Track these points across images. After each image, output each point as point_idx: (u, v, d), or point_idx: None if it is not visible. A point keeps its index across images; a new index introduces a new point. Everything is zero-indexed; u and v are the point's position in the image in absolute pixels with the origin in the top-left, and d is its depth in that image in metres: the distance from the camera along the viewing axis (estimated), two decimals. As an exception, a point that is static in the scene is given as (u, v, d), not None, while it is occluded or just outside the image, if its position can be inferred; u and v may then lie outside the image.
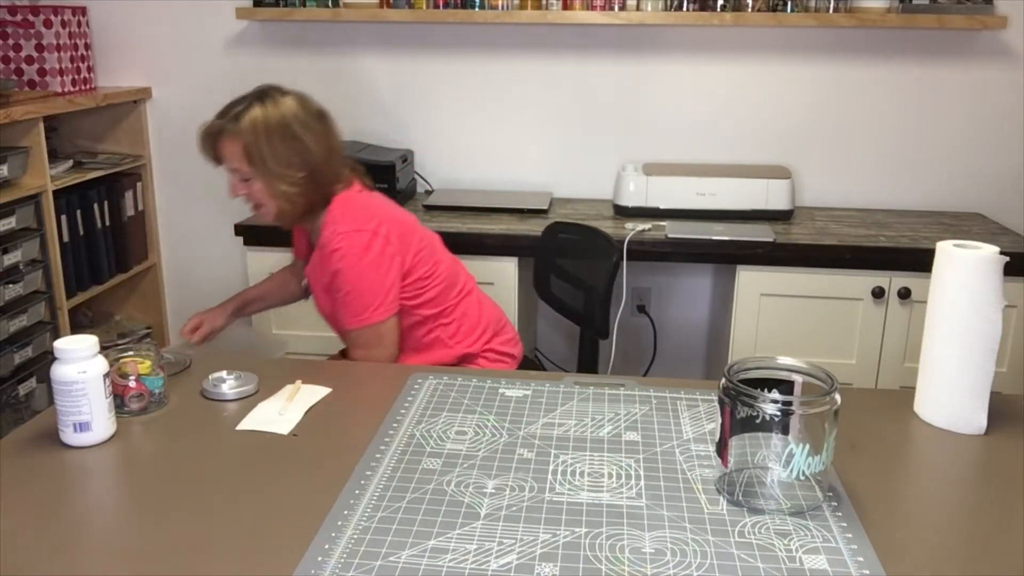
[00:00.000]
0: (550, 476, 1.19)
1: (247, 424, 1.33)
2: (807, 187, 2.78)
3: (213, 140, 1.74)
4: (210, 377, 1.45)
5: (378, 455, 1.23)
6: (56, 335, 2.47)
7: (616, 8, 2.60)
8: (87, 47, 2.80)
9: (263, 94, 1.74)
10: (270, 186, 1.72)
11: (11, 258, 2.32)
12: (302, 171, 1.72)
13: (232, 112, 1.72)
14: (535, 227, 2.44)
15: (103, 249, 2.72)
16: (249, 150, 1.70)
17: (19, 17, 2.61)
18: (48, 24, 2.62)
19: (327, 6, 2.67)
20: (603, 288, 2.04)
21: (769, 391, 1.09)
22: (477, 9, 2.61)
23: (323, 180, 1.75)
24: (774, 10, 2.55)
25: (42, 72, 2.65)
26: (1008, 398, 1.44)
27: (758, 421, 1.09)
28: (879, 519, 1.09)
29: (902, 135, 2.71)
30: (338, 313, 1.77)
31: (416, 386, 1.48)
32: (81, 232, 2.63)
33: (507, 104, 2.81)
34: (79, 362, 1.23)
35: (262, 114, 1.70)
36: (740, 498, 1.12)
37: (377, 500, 1.12)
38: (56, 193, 2.47)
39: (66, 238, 2.55)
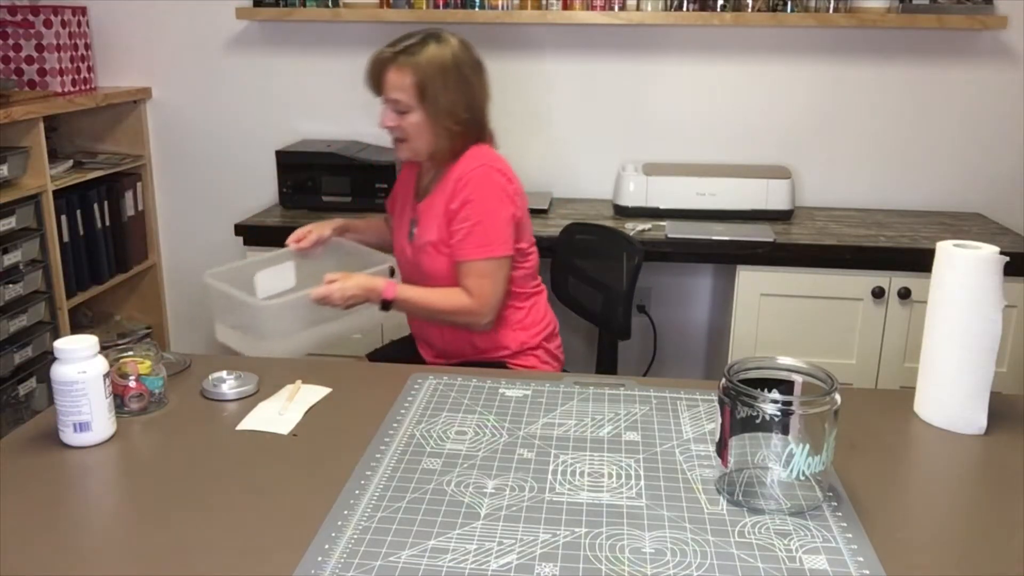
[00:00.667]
0: (550, 476, 1.19)
1: (247, 424, 1.33)
2: (807, 187, 2.78)
3: (382, 68, 1.79)
4: (210, 377, 1.45)
5: (378, 455, 1.24)
6: (56, 335, 2.47)
7: (616, 8, 2.60)
8: (87, 47, 2.80)
9: (435, 35, 1.80)
10: (434, 123, 1.78)
11: (11, 258, 2.32)
12: (466, 113, 1.80)
13: (404, 45, 1.77)
14: (535, 227, 2.43)
15: (103, 249, 2.72)
16: (422, 85, 1.76)
17: (19, 17, 2.61)
18: (48, 24, 2.62)
19: (327, 6, 2.67)
20: (624, 289, 2.05)
21: (769, 391, 1.09)
22: (477, 9, 2.61)
23: (478, 126, 1.84)
24: (774, 10, 2.55)
25: (42, 72, 2.65)
26: (1008, 398, 1.44)
27: (758, 421, 1.09)
28: (879, 519, 1.09)
29: (902, 135, 2.71)
30: (460, 244, 1.80)
31: (416, 386, 1.48)
32: (81, 232, 2.63)
33: (507, 104, 2.81)
34: (79, 362, 1.23)
35: (438, 53, 1.76)
36: (740, 498, 1.12)
37: (377, 500, 1.12)
38: (56, 193, 2.47)
39: (66, 238, 2.55)
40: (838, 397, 1.10)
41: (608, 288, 2.12)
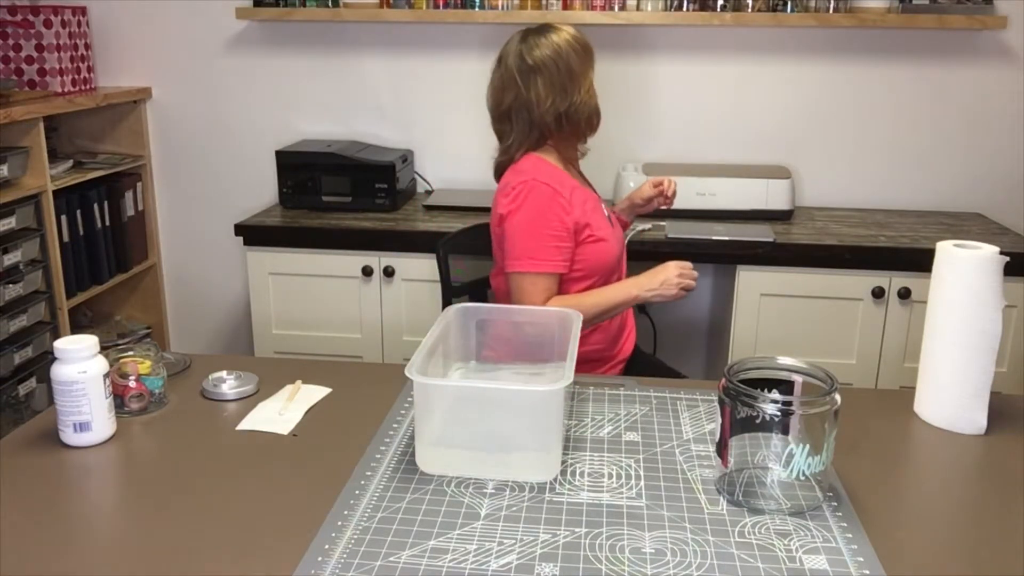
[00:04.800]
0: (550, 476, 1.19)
1: (247, 424, 1.33)
2: (807, 187, 2.78)
3: None
4: (210, 377, 1.45)
5: (378, 455, 1.24)
6: (56, 335, 2.47)
7: (616, 8, 2.60)
8: (87, 47, 2.80)
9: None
10: None
11: (11, 258, 2.32)
12: None
13: None
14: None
15: (103, 249, 2.72)
16: None
17: (19, 17, 2.61)
18: (48, 24, 2.62)
19: (327, 6, 2.67)
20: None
21: (769, 391, 1.09)
22: (477, 9, 2.61)
23: None
24: (774, 10, 2.55)
25: (42, 72, 2.65)
26: (1008, 398, 1.44)
27: (758, 421, 1.09)
28: (879, 519, 1.09)
29: (902, 135, 2.71)
30: None
31: (416, 386, 1.48)
32: (81, 232, 2.63)
33: (507, 104, 2.81)
34: (79, 362, 1.23)
35: None
36: (740, 498, 1.12)
37: (377, 500, 1.12)
38: (56, 193, 2.47)
39: (66, 238, 2.55)
40: (838, 397, 1.10)
41: None
